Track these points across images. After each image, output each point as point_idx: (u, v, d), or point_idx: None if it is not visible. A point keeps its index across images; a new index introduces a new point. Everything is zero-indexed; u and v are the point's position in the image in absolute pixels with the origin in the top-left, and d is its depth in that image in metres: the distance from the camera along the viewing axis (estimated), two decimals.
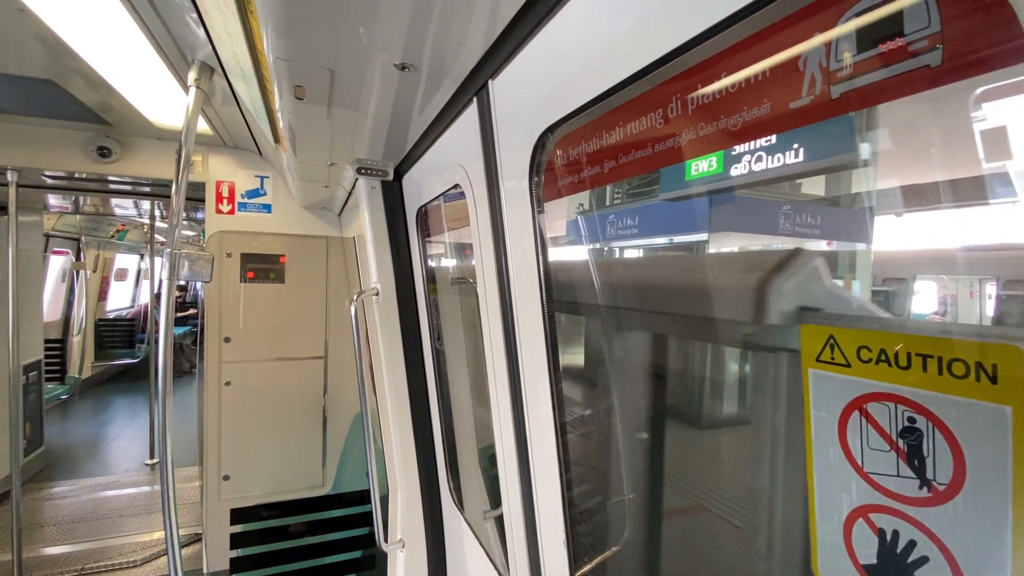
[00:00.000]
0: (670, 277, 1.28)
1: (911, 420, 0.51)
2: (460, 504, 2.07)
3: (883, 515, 0.55)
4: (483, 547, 1.79)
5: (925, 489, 0.51)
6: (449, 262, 2.21)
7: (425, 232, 2.10)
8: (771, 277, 0.79)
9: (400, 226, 2.16)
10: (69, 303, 8.28)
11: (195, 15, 1.52)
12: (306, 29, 1.01)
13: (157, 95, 2.42)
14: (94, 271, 8.97)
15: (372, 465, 2.16)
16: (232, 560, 3.16)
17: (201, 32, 1.60)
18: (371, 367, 2.55)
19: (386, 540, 2.16)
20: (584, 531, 1.24)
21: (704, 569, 1.35)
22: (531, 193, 1.05)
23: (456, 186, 1.46)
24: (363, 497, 3.45)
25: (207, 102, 2.39)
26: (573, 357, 1.54)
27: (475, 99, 1.22)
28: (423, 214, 2.03)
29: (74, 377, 8.27)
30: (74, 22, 1.73)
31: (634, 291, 1.31)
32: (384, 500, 2.29)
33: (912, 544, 0.53)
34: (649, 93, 0.76)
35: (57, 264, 7.82)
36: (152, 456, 5.69)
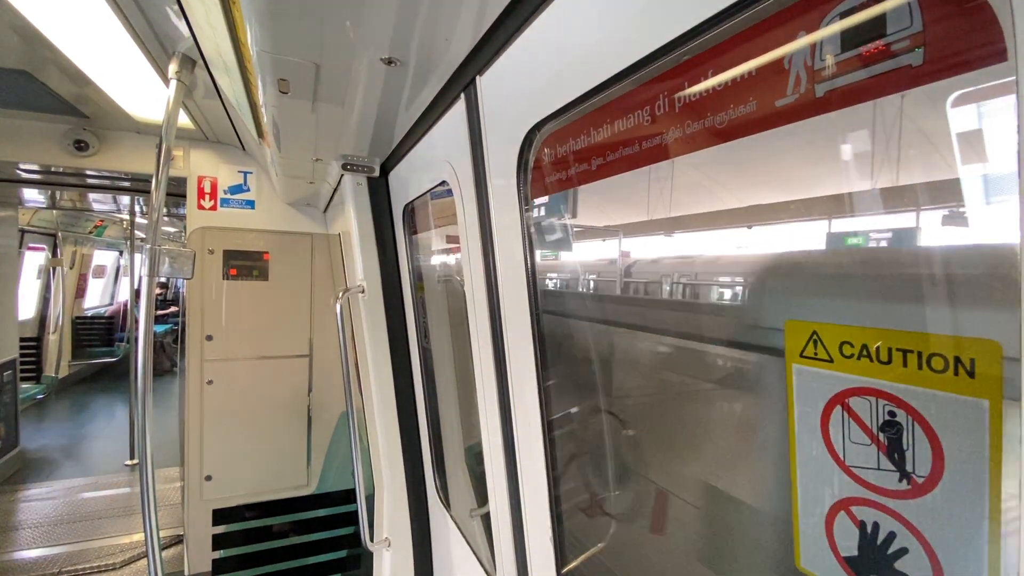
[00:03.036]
0: None
1: (891, 414, 0.52)
2: (446, 502, 2.06)
3: (864, 508, 0.56)
4: (470, 545, 1.79)
5: (905, 482, 0.52)
6: (436, 259, 2.20)
7: (412, 229, 2.09)
8: None
9: (386, 223, 2.15)
10: (45, 300, 8.07)
11: (176, 6, 1.48)
12: (291, 22, 0.99)
13: (136, 88, 2.37)
14: (71, 268, 8.76)
15: (358, 464, 2.14)
16: (214, 561, 3.11)
17: (182, 24, 1.57)
18: (357, 365, 2.53)
19: (372, 539, 2.14)
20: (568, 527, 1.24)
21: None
22: (519, 190, 1.05)
23: (443, 183, 1.45)
24: (348, 496, 3.42)
25: (188, 95, 2.35)
26: None
27: (463, 95, 1.21)
28: (410, 211, 2.01)
29: (50, 376, 8.07)
30: (50, 11, 1.68)
31: None
32: (370, 499, 2.27)
33: (892, 536, 0.54)
34: (637, 91, 0.76)
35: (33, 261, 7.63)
36: (132, 457, 5.57)
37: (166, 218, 6.53)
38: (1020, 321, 0.38)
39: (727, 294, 0.95)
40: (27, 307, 7.72)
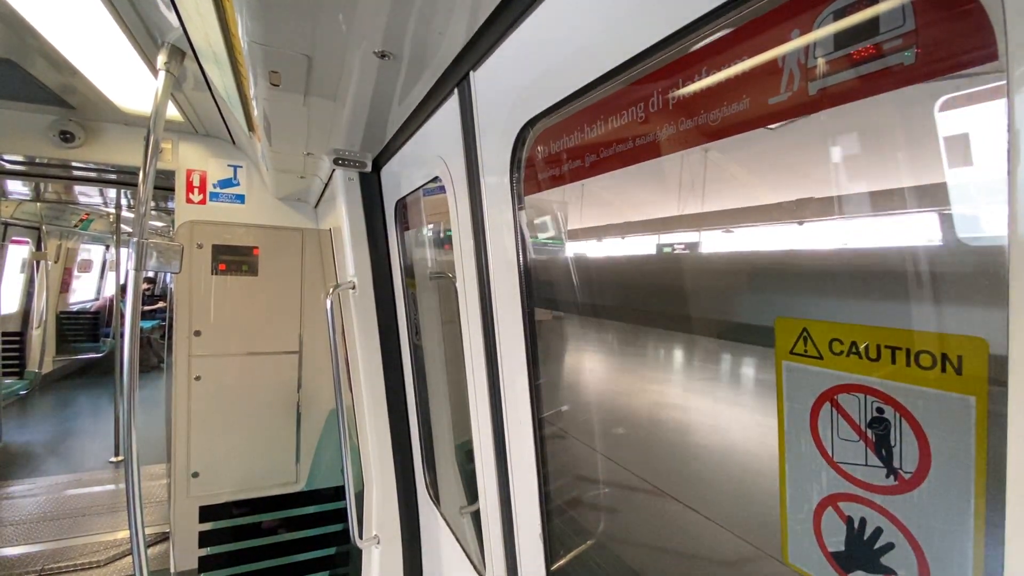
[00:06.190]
0: None
1: (879, 411, 0.53)
2: (436, 499, 2.06)
3: (851, 503, 0.57)
4: (459, 542, 1.79)
5: (892, 478, 0.53)
6: (428, 255, 2.19)
7: (404, 225, 2.08)
8: None
9: (378, 219, 2.13)
10: (29, 295, 7.94)
11: None
12: (283, 13, 0.98)
13: (124, 78, 2.33)
14: (56, 262, 8.62)
15: (347, 461, 2.13)
16: (201, 559, 3.08)
17: (171, 13, 1.54)
18: (347, 362, 2.51)
19: (361, 536, 2.14)
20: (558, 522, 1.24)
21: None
22: (512, 187, 1.05)
23: (436, 179, 1.44)
24: (338, 493, 3.40)
25: (177, 87, 2.31)
26: None
27: (456, 90, 1.20)
28: (402, 207, 2.00)
29: (34, 372, 7.94)
30: None
31: None
32: (359, 496, 2.26)
33: (879, 531, 0.55)
34: (631, 88, 0.76)
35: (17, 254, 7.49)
36: (116, 454, 5.50)
37: (154, 212, 6.44)
38: (1008, 318, 0.38)
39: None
40: (10, 301, 7.59)
